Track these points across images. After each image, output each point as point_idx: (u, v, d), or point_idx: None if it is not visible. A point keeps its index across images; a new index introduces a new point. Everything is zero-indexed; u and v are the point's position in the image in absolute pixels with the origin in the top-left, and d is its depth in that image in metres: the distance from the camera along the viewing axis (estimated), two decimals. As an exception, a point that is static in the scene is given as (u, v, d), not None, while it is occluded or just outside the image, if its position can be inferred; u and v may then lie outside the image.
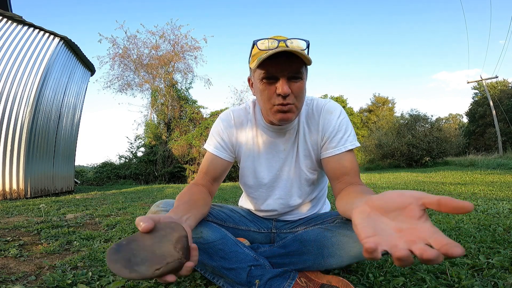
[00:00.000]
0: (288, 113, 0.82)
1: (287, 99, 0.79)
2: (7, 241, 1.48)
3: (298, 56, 0.75)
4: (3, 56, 4.78)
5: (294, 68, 0.77)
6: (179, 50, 13.29)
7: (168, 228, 0.53)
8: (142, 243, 0.49)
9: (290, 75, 0.78)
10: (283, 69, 0.77)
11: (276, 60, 0.76)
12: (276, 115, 0.83)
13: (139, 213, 2.48)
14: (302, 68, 0.79)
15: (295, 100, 0.81)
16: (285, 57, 0.75)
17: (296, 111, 0.83)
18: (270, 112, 0.84)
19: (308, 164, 0.95)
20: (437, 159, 13.31)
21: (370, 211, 0.46)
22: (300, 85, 0.80)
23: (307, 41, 0.79)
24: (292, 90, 0.79)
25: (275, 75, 0.78)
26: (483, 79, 17.05)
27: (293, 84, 0.79)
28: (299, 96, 0.81)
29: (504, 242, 1.21)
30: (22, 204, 3.36)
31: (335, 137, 0.88)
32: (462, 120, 30.20)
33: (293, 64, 0.76)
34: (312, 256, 0.82)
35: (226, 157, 0.98)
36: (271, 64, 0.77)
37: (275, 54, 0.74)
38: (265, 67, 0.78)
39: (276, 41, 0.77)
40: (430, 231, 0.38)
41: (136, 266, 0.46)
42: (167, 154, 12.06)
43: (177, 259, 0.48)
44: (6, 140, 4.59)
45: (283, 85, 0.77)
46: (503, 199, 2.62)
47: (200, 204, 0.81)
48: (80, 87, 6.82)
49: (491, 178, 5.41)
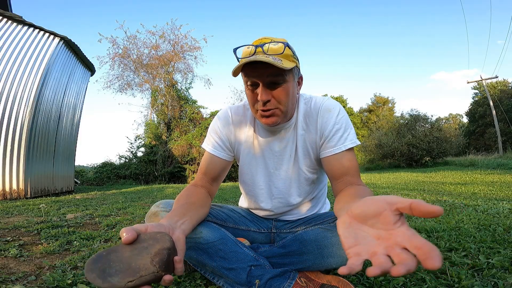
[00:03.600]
0: (271, 118, 0.82)
1: (268, 105, 0.79)
2: (7, 241, 1.48)
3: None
4: (3, 56, 4.78)
5: (273, 72, 0.76)
6: (179, 50, 13.29)
7: (152, 240, 0.53)
8: (121, 254, 0.50)
9: (269, 81, 0.77)
10: (261, 74, 0.77)
11: (254, 66, 0.76)
12: (261, 119, 0.84)
13: (139, 213, 2.48)
14: (283, 72, 0.77)
15: (278, 104, 0.80)
16: (262, 63, 0.74)
17: (281, 114, 0.83)
18: (256, 116, 0.86)
19: (307, 163, 0.94)
20: (437, 159, 13.31)
21: (350, 220, 0.47)
22: (281, 90, 0.79)
23: (285, 43, 0.77)
24: (273, 95, 0.79)
25: (256, 81, 0.78)
26: (483, 79, 17.04)
27: (274, 90, 0.79)
28: (282, 100, 0.80)
29: (504, 242, 1.21)
30: (22, 204, 3.36)
31: (334, 136, 0.87)
32: (462, 120, 30.21)
33: (269, 70, 0.75)
34: (312, 256, 0.82)
35: (225, 156, 0.97)
36: (251, 70, 0.77)
37: (253, 60, 0.73)
38: (246, 73, 0.78)
39: (253, 47, 0.76)
40: (406, 235, 0.39)
41: (109, 277, 0.47)
42: (167, 154, 12.06)
43: (152, 272, 0.48)
44: (6, 140, 4.59)
45: (261, 92, 0.77)
46: (503, 199, 2.62)
47: (198, 205, 0.81)
48: (80, 87, 6.82)
49: (491, 178, 5.41)
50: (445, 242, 1.25)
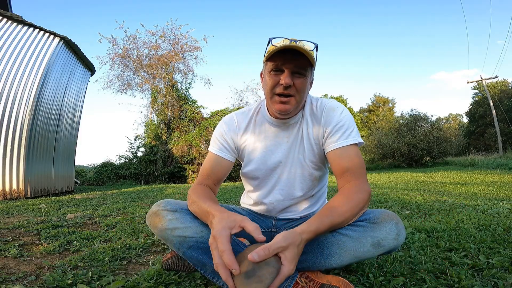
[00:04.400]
0: (286, 104, 0.89)
1: (288, 90, 0.87)
2: (7, 241, 1.48)
3: (304, 54, 0.83)
4: (3, 56, 4.78)
5: (300, 64, 0.85)
6: (179, 50, 13.27)
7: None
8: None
9: (295, 70, 0.86)
10: (290, 62, 0.85)
11: (284, 55, 0.84)
12: (275, 105, 0.90)
13: (139, 213, 2.48)
14: (307, 67, 0.86)
15: (296, 93, 0.88)
16: (292, 54, 0.84)
17: (296, 103, 0.90)
18: (271, 102, 0.91)
19: (311, 158, 0.98)
20: (437, 159, 13.31)
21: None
22: (302, 81, 0.87)
23: (316, 44, 0.88)
24: (294, 83, 0.86)
25: (282, 67, 0.86)
26: (483, 79, 17.04)
27: (296, 79, 0.87)
28: (300, 90, 0.88)
29: (504, 242, 1.21)
30: (22, 204, 3.36)
31: (338, 132, 0.91)
32: (462, 120, 30.20)
33: (298, 60, 0.84)
34: (312, 255, 0.82)
35: (229, 158, 1.01)
36: (280, 58, 0.85)
37: (284, 50, 0.83)
38: (274, 60, 0.86)
39: (288, 40, 0.85)
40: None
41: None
42: (167, 154, 12.05)
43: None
44: (6, 140, 4.59)
45: (286, 76, 0.85)
46: (503, 199, 2.63)
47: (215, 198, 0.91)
48: (80, 87, 6.82)
49: (491, 178, 5.41)
50: (445, 242, 1.25)
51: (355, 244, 0.77)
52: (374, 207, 2.42)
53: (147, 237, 1.54)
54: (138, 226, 1.83)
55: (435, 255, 1.10)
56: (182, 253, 0.84)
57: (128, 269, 1.08)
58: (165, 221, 0.84)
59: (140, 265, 1.14)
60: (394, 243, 0.78)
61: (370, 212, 0.81)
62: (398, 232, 0.78)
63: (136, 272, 1.03)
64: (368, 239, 0.77)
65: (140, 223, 1.97)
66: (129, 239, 1.49)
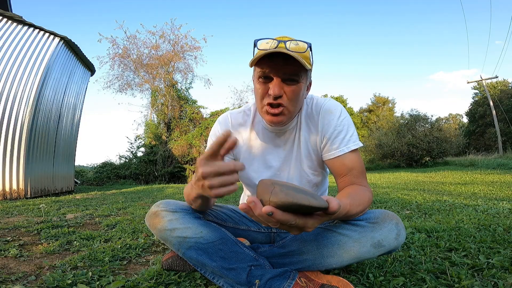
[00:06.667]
0: (278, 116, 0.81)
1: (278, 100, 0.78)
2: (7, 241, 1.48)
3: (295, 58, 0.73)
4: (3, 56, 4.78)
5: (290, 70, 0.76)
6: (179, 50, 13.28)
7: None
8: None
9: (286, 77, 0.77)
10: (278, 69, 0.76)
11: (273, 60, 0.75)
12: (266, 117, 0.83)
13: (139, 213, 2.48)
14: (300, 72, 0.77)
15: (287, 103, 0.80)
16: (282, 58, 0.74)
17: (288, 114, 0.82)
18: (261, 112, 0.84)
19: (309, 164, 0.94)
20: (437, 159, 13.30)
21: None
22: (295, 88, 0.79)
23: (309, 43, 0.79)
24: (285, 92, 0.78)
25: (270, 75, 0.78)
26: (483, 79, 17.03)
27: (287, 86, 0.78)
28: (293, 99, 0.80)
29: (504, 242, 1.21)
30: (22, 204, 3.37)
31: (337, 138, 0.87)
32: (462, 120, 30.18)
33: (289, 66, 0.75)
34: (312, 255, 0.82)
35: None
36: (268, 64, 0.76)
37: (272, 54, 0.74)
38: (262, 66, 0.78)
39: (276, 41, 0.76)
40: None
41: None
42: (167, 154, 12.06)
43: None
44: (6, 140, 4.59)
45: (275, 85, 0.77)
46: (503, 199, 2.63)
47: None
48: (80, 87, 6.82)
49: (491, 178, 5.41)
50: (445, 242, 1.25)
51: (355, 245, 0.77)
52: (374, 207, 2.42)
53: (147, 237, 1.54)
54: (138, 226, 1.83)
55: (435, 255, 1.10)
56: (182, 253, 0.84)
57: (128, 269, 1.08)
58: (164, 222, 0.84)
59: (140, 265, 1.13)
60: (394, 243, 0.77)
61: (370, 212, 0.80)
62: (398, 232, 0.77)
63: (136, 272, 1.03)
64: (368, 239, 0.76)
65: (140, 223, 1.97)
66: (129, 239, 1.49)
